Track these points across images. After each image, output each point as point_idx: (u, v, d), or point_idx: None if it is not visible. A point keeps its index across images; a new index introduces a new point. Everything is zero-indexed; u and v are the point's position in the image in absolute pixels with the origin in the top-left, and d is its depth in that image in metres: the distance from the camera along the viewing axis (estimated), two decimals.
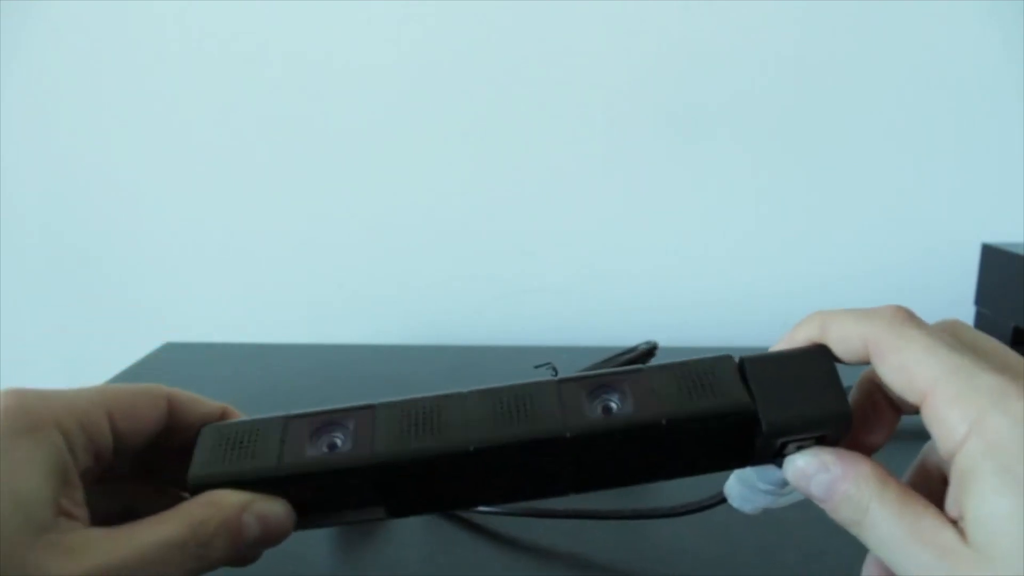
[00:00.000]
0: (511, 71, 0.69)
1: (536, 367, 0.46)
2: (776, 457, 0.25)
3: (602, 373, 0.25)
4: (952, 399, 0.21)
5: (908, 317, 0.23)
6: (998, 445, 0.20)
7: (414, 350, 0.67)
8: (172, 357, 0.64)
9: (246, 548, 0.23)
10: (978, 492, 0.20)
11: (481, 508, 0.39)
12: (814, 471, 0.23)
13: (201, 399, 0.27)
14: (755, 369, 0.24)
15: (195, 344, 0.68)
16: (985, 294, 0.65)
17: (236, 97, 0.71)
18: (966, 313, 0.67)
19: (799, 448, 0.24)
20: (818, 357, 0.24)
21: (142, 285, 0.75)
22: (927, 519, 0.21)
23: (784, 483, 0.26)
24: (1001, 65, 0.67)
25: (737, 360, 0.25)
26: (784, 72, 0.68)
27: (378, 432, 0.25)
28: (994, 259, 0.64)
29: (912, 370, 0.22)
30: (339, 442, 0.25)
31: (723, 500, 0.31)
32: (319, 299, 0.74)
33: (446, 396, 0.25)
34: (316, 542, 0.36)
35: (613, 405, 0.24)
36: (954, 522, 0.21)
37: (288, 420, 0.25)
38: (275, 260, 0.74)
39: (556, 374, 0.45)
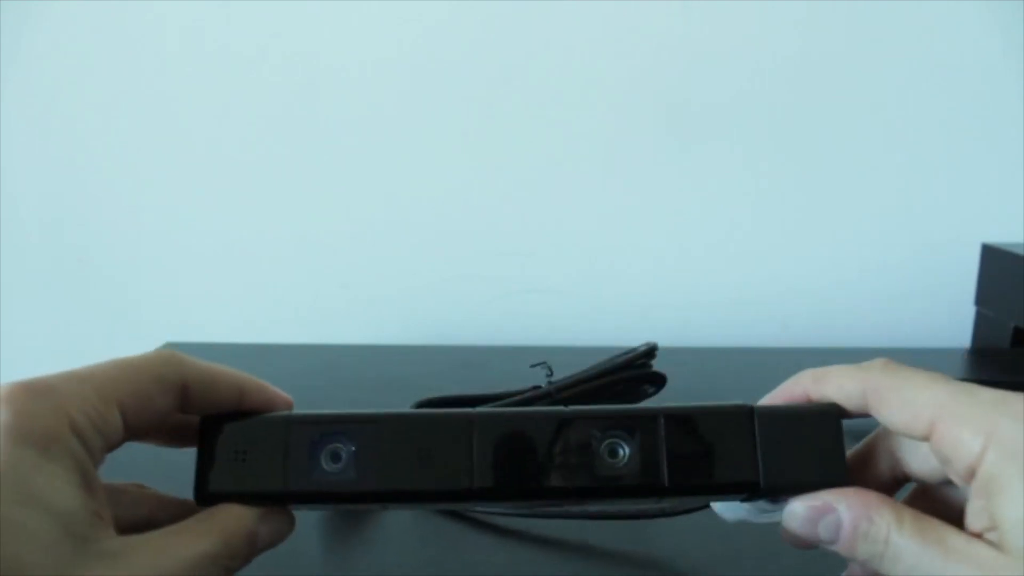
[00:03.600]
0: (511, 71, 0.69)
1: (532, 366, 0.47)
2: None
3: (615, 414, 0.25)
4: (961, 418, 0.21)
5: (898, 363, 0.24)
6: (1016, 449, 0.20)
7: (414, 350, 0.67)
8: None
9: (254, 556, 0.23)
10: (1009, 498, 0.20)
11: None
12: (818, 515, 0.23)
13: (211, 375, 0.25)
14: (765, 425, 0.25)
15: (195, 344, 0.68)
16: (985, 294, 0.65)
17: (235, 97, 0.71)
18: (966, 313, 0.67)
19: None
20: (827, 418, 0.25)
21: (142, 285, 0.75)
22: (953, 537, 0.21)
23: (764, 508, 0.27)
24: (1001, 65, 0.67)
25: (748, 408, 0.25)
26: (784, 72, 0.68)
27: (381, 458, 0.25)
28: (994, 259, 0.64)
29: (916, 402, 0.22)
30: (343, 455, 0.25)
31: (707, 506, 0.32)
32: (319, 299, 0.74)
33: (452, 424, 0.25)
34: (310, 542, 0.36)
35: (620, 452, 0.25)
36: (978, 535, 0.21)
37: (289, 425, 0.25)
38: (275, 260, 0.74)
39: (551, 373, 0.46)
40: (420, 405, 0.45)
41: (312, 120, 0.71)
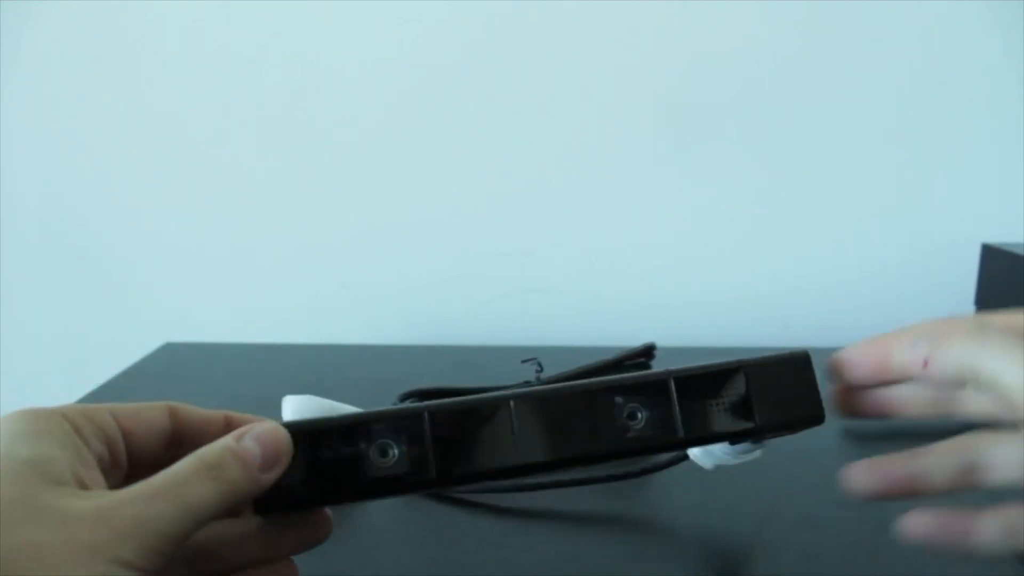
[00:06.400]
0: (510, 71, 0.69)
1: (523, 362, 0.47)
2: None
3: (630, 382, 0.27)
4: None
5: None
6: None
7: (414, 350, 0.67)
8: (172, 357, 0.64)
9: (257, 470, 0.24)
10: None
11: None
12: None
13: (199, 409, 0.27)
14: (754, 377, 0.28)
15: (195, 344, 0.68)
16: (985, 294, 0.65)
17: (235, 97, 0.71)
18: (966, 313, 0.67)
19: None
20: (801, 362, 0.28)
21: (142, 285, 0.75)
22: None
23: (744, 450, 0.31)
24: (1001, 65, 0.67)
25: (738, 364, 0.28)
26: (784, 72, 0.68)
27: (428, 449, 0.25)
28: (994, 259, 0.64)
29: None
30: (391, 451, 0.25)
31: (686, 458, 0.35)
32: (319, 299, 0.74)
33: (491, 406, 0.26)
34: None
35: (639, 415, 0.27)
36: None
37: (331, 429, 0.25)
38: (275, 260, 0.74)
39: (541, 369, 0.46)
40: (404, 397, 0.46)
41: (312, 120, 0.71)
